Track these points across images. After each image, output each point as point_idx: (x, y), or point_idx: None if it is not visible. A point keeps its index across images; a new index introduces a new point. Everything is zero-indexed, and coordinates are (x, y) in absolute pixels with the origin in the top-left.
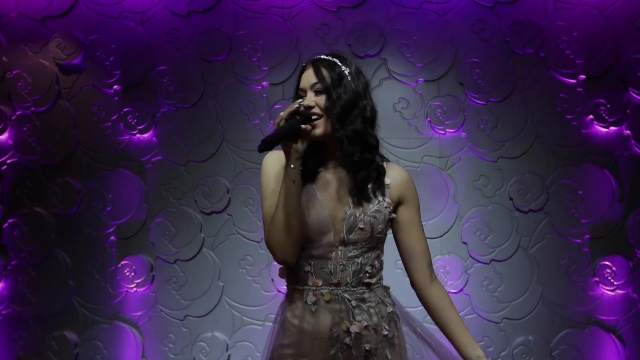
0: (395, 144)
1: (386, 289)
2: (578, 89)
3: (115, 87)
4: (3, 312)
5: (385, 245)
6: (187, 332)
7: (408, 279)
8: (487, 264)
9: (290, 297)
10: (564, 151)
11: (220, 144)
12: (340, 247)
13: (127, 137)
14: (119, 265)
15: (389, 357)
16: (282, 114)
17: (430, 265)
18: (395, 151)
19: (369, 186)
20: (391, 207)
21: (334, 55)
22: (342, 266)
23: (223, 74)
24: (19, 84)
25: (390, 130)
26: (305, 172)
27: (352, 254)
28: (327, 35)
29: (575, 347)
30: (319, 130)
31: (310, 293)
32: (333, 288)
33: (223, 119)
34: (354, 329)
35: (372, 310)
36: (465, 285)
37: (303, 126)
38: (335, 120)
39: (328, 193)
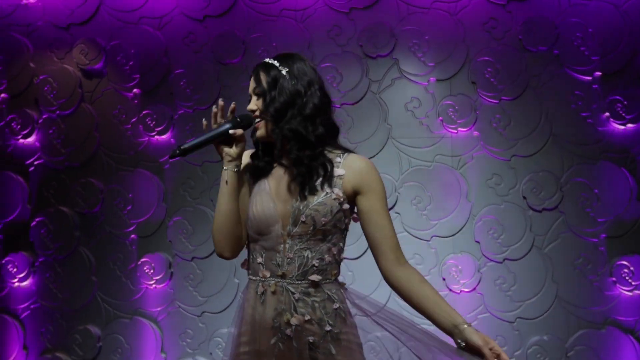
0: (407, 143)
1: (341, 285)
2: (594, 86)
3: (135, 90)
4: (32, 306)
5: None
6: (204, 327)
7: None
8: (501, 263)
9: (247, 287)
10: (579, 149)
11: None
12: (288, 240)
13: (146, 138)
14: (139, 262)
15: (333, 352)
16: (205, 121)
17: (395, 249)
18: (407, 150)
19: (317, 180)
20: (342, 199)
21: (278, 57)
22: (288, 259)
23: (238, 75)
24: (45, 88)
25: (402, 129)
26: (260, 168)
27: (298, 247)
28: (338, 36)
29: (592, 347)
30: (259, 132)
31: (260, 284)
32: (279, 280)
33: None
34: (294, 321)
35: (316, 305)
36: (478, 284)
37: (231, 131)
38: (271, 121)
39: (279, 187)
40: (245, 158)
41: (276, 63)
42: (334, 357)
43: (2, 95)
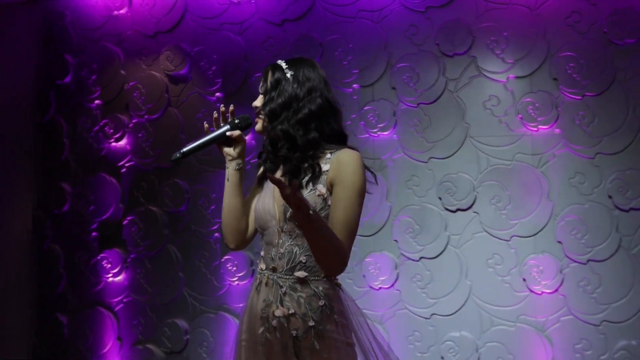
0: (485, 142)
1: (334, 283)
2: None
3: (218, 94)
4: (124, 300)
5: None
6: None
7: (498, 279)
8: (584, 264)
9: (253, 280)
10: None
11: None
12: (282, 236)
13: None
14: (222, 259)
15: (317, 347)
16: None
17: (345, 234)
18: (485, 149)
19: (304, 178)
20: (325, 195)
21: (289, 60)
22: (280, 254)
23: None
24: (135, 94)
25: (480, 128)
26: (268, 168)
27: (289, 242)
28: (415, 35)
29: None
30: (257, 127)
31: (257, 275)
32: (271, 273)
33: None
34: (278, 313)
35: (301, 300)
36: (561, 285)
37: (228, 133)
38: (267, 119)
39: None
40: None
41: (284, 65)
42: (319, 353)
43: (96, 101)
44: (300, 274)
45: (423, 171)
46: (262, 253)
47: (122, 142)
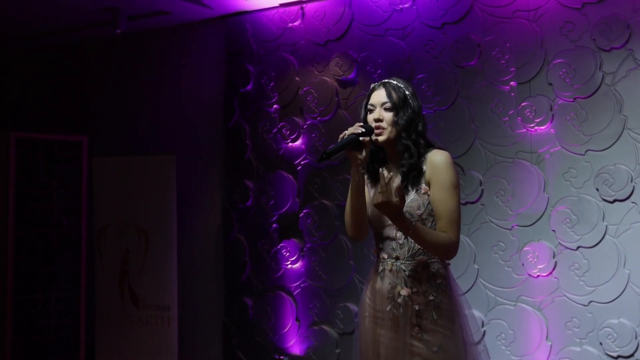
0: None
1: (446, 264)
2: None
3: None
4: (302, 285)
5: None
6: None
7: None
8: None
9: (374, 267)
10: None
11: (473, 141)
12: (398, 231)
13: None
14: None
15: (435, 317)
16: (345, 132)
17: (448, 224)
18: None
19: (412, 180)
20: (428, 191)
21: (397, 80)
22: (400, 245)
23: (474, 77)
24: (308, 98)
25: (639, 119)
26: (374, 173)
27: (406, 236)
28: (571, 32)
29: None
30: (381, 138)
31: (380, 264)
32: (394, 261)
33: (475, 118)
34: (403, 292)
35: (422, 280)
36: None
37: (361, 139)
38: (401, 130)
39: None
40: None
41: (401, 85)
42: (436, 322)
43: (275, 106)
44: (421, 258)
45: (580, 163)
46: (380, 245)
47: (298, 142)
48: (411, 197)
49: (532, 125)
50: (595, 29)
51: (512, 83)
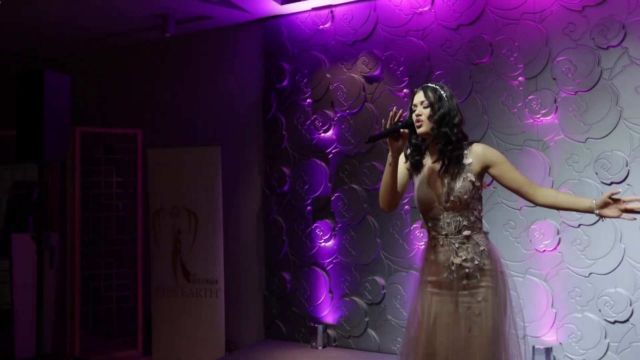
0: (637, 123)
1: (485, 234)
2: None
3: (405, 90)
4: (334, 261)
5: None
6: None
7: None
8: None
9: (427, 243)
10: None
11: (486, 130)
12: (444, 212)
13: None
14: (412, 227)
15: (479, 277)
16: (386, 119)
17: (530, 185)
18: (636, 128)
19: (455, 169)
20: (474, 179)
21: (437, 84)
22: (447, 223)
23: (487, 73)
24: (338, 93)
25: (633, 110)
26: (415, 163)
27: (452, 215)
28: (572, 32)
29: None
30: (420, 130)
31: (432, 239)
32: (444, 237)
33: (488, 110)
34: (456, 260)
35: (469, 249)
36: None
37: (401, 130)
38: (434, 124)
39: (431, 176)
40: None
41: (437, 87)
42: (479, 280)
43: (308, 100)
44: (466, 232)
45: (581, 150)
46: (429, 224)
47: (329, 133)
48: (460, 182)
49: (538, 116)
50: (595, 29)
51: (520, 78)
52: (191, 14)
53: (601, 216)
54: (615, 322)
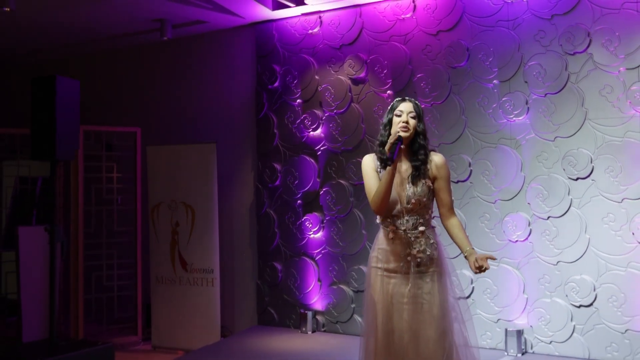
0: (600, 123)
1: (433, 228)
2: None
3: (389, 91)
4: (322, 251)
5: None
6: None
7: (613, 234)
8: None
9: (383, 234)
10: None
11: (463, 130)
12: (405, 211)
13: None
14: None
15: (428, 264)
16: (390, 137)
17: (449, 209)
18: (600, 128)
19: (418, 174)
20: (430, 184)
21: (412, 99)
22: (406, 221)
23: (464, 76)
24: (326, 94)
25: (597, 111)
26: (386, 167)
27: (411, 214)
28: (543, 39)
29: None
30: (406, 134)
31: (390, 233)
32: (402, 232)
33: (465, 110)
34: (413, 252)
35: (422, 242)
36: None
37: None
38: (418, 134)
39: (400, 179)
40: (367, 160)
41: (419, 104)
42: (428, 267)
43: (298, 100)
44: (421, 228)
45: (550, 148)
46: (389, 220)
47: (318, 131)
48: (420, 187)
49: (511, 116)
50: (563, 36)
51: (495, 81)
52: (187, 18)
53: (466, 258)
54: (580, 306)
